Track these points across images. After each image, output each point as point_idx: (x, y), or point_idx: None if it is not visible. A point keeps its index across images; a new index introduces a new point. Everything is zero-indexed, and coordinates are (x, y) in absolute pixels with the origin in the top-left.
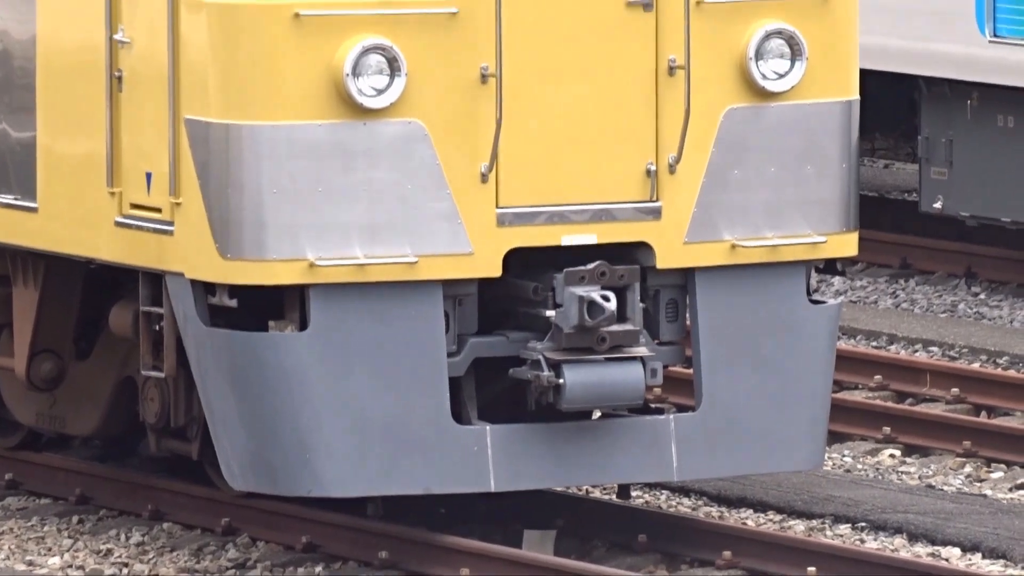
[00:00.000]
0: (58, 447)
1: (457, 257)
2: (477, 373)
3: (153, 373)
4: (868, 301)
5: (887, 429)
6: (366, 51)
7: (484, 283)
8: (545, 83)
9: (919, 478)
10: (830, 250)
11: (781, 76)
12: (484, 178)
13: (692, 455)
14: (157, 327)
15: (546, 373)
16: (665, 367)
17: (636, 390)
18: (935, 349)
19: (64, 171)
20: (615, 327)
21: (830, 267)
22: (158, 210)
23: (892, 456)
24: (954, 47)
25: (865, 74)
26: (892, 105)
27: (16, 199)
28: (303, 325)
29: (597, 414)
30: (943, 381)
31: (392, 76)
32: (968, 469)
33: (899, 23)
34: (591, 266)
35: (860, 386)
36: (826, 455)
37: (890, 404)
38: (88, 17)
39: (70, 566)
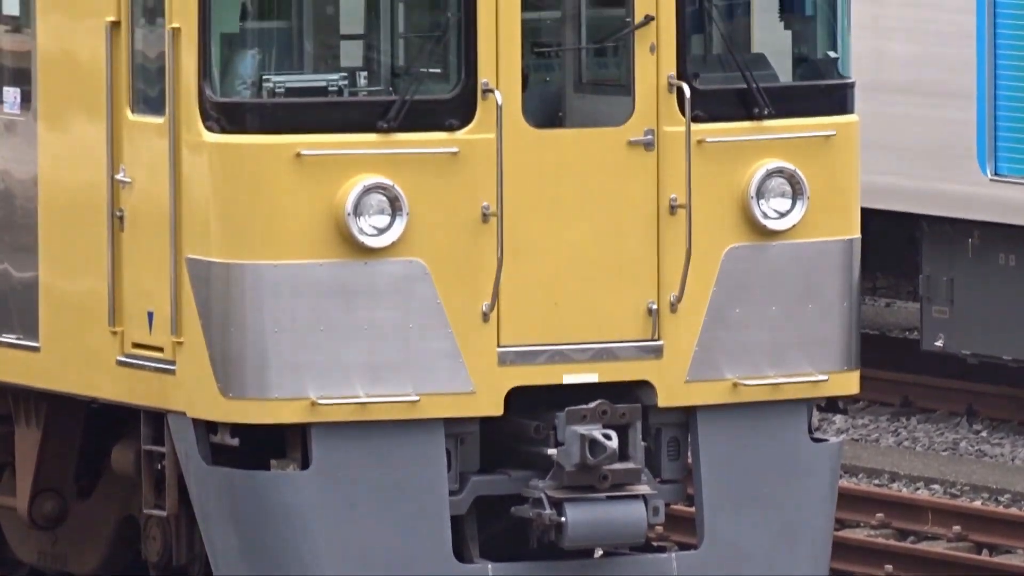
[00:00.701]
0: None
1: (459, 396)
2: (479, 511)
3: (155, 512)
4: (870, 439)
5: (889, 567)
6: (367, 190)
7: (486, 421)
8: (546, 222)
9: None
10: (832, 388)
11: (782, 215)
12: (485, 317)
13: None
14: (159, 466)
15: (548, 511)
16: (667, 505)
17: (638, 529)
18: (937, 487)
19: (66, 310)
20: (617, 465)
21: (832, 405)
22: (160, 349)
23: None
24: (955, 186)
25: (866, 213)
26: (893, 244)
27: (18, 338)
28: (305, 464)
29: (599, 552)
30: (945, 519)
31: (393, 215)
32: None
33: (900, 162)
34: (592, 405)
35: (862, 524)
36: None
37: (892, 542)
38: (89, 157)
39: None
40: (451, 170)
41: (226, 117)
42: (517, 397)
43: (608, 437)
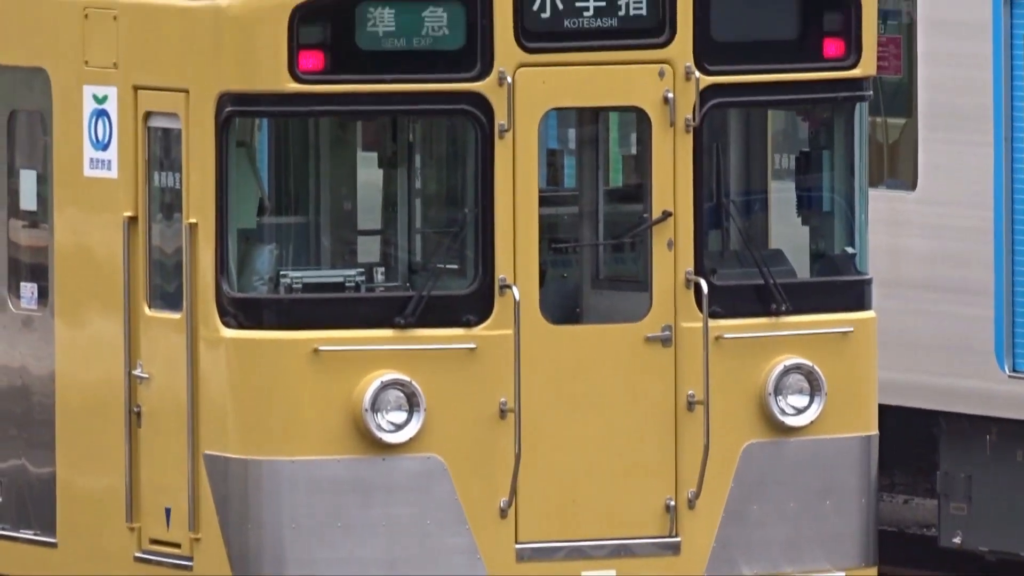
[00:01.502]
0: None
1: None
2: None
3: None
4: None
5: None
6: (385, 387)
7: None
8: (564, 417)
9: None
10: None
11: (800, 412)
12: (503, 513)
13: None
14: None
15: None
16: None
17: None
18: None
19: (83, 506)
20: None
21: None
22: (177, 545)
23: None
24: (973, 382)
25: (884, 409)
26: (911, 440)
27: (35, 534)
28: None
29: None
30: None
31: (411, 411)
32: None
33: (918, 358)
34: None
35: None
36: None
37: None
38: (106, 353)
39: None
40: (469, 366)
41: (243, 313)
42: None
43: None
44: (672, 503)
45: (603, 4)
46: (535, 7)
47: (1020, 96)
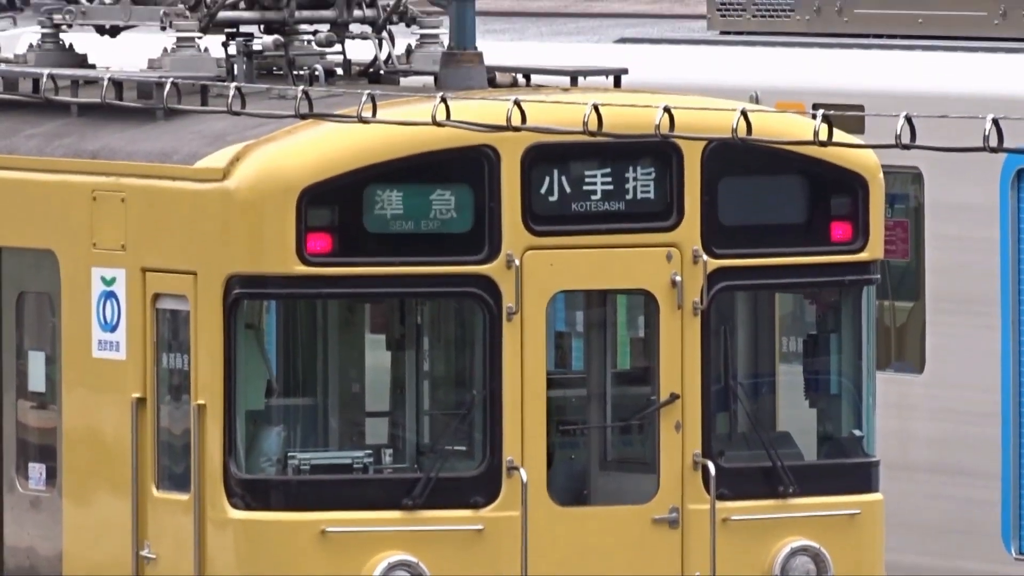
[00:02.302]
0: None
1: None
2: None
3: None
4: None
5: None
6: (392, 568)
7: None
8: None
9: None
10: None
11: None
12: None
13: None
14: None
15: None
16: None
17: None
18: None
19: None
20: None
21: None
22: None
23: None
24: (980, 565)
25: None
26: None
27: None
28: None
29: None
30: None
31: None
32: None
33: (925, 540)
34: None
35: None
36: None
37: None
38: (114, 533)
39: None
40: (476, 546)
41: (251, 494)
42: None
43: None
44: None
45: (611, 187)
46: (543, 190)
47: None
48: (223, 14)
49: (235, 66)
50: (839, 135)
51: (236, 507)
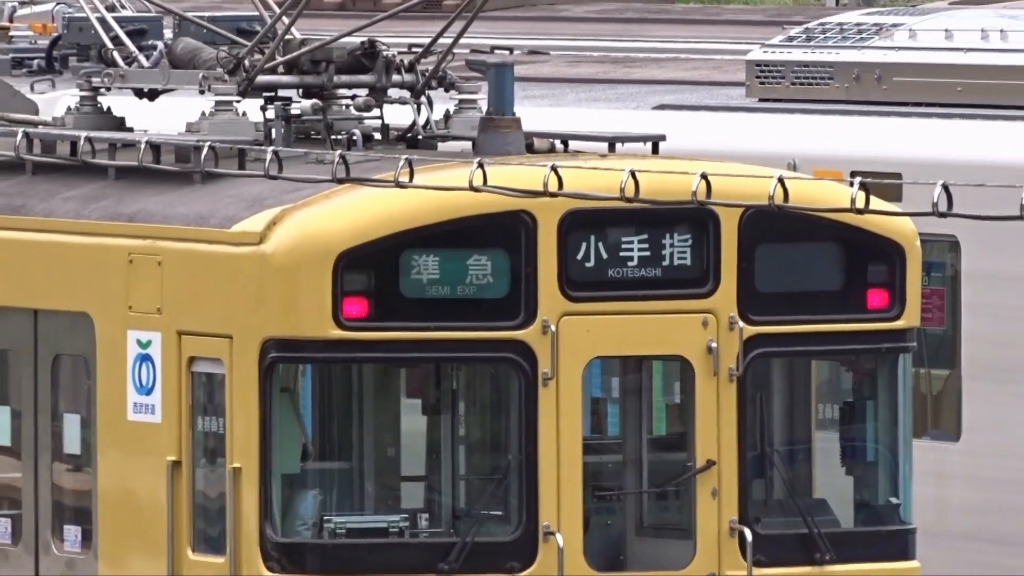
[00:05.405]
0: None
1: None
2: None
3: None
4: None
5: None
6: None
7: None
8: None
9: None
10: None
11: None
12: None
13: None
14: None
15: None
16: None
17: None
18: None
19: None
20: None
21: None
22: None
23: None
24: None
25: None
26: None
27: None
28: None
29: None
30: None
31: None
32: None
33: None
34: None
35: None
36: None
37: None
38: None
39: None
40: None
41: (287, 557)
42: None
43: None
44: None
45: (647, 254)
46: (579, 256)
47: None
48: (262, 78)
49: (273, 130)
50: (876, 203)
51: (272, 570)
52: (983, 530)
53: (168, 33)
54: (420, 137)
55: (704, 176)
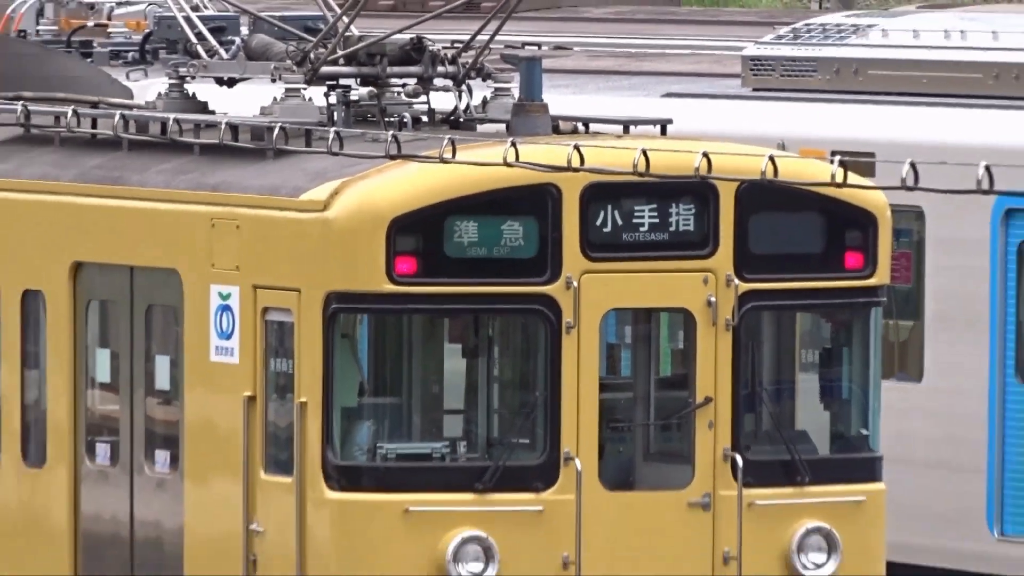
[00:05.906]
0: None
1: None
2: None
3: None
4: None
5: None
6: (465, 541)
7: None
8: (619, 570)
9: None
10: None
11: (819, 567)
12: None
13: None
14: None
15: None
16: None
17: None
18: None
19: None
20: None
21: None
22: None
23: None
24: (968, 544)
25: (892, 566)
26: None
27: None
28: None
29: None
30: None
31: (487, 563)
32: None
33: (921, 524)
34: None
35: None
36: None
37: None
38: (228, 511)
39: None
40: (537, 525)
41: (345, 477)
42: None
43: None
44: None
45: (656, 221)
46: (598, 222)
47: (1011, 303)
48: (325, 69)
49: (335, 113)
50: (853, 178)
51: (332, 489)
52: (940, 458)
53: (244, 30)
54: (461, 120)
55: (706, 155)
